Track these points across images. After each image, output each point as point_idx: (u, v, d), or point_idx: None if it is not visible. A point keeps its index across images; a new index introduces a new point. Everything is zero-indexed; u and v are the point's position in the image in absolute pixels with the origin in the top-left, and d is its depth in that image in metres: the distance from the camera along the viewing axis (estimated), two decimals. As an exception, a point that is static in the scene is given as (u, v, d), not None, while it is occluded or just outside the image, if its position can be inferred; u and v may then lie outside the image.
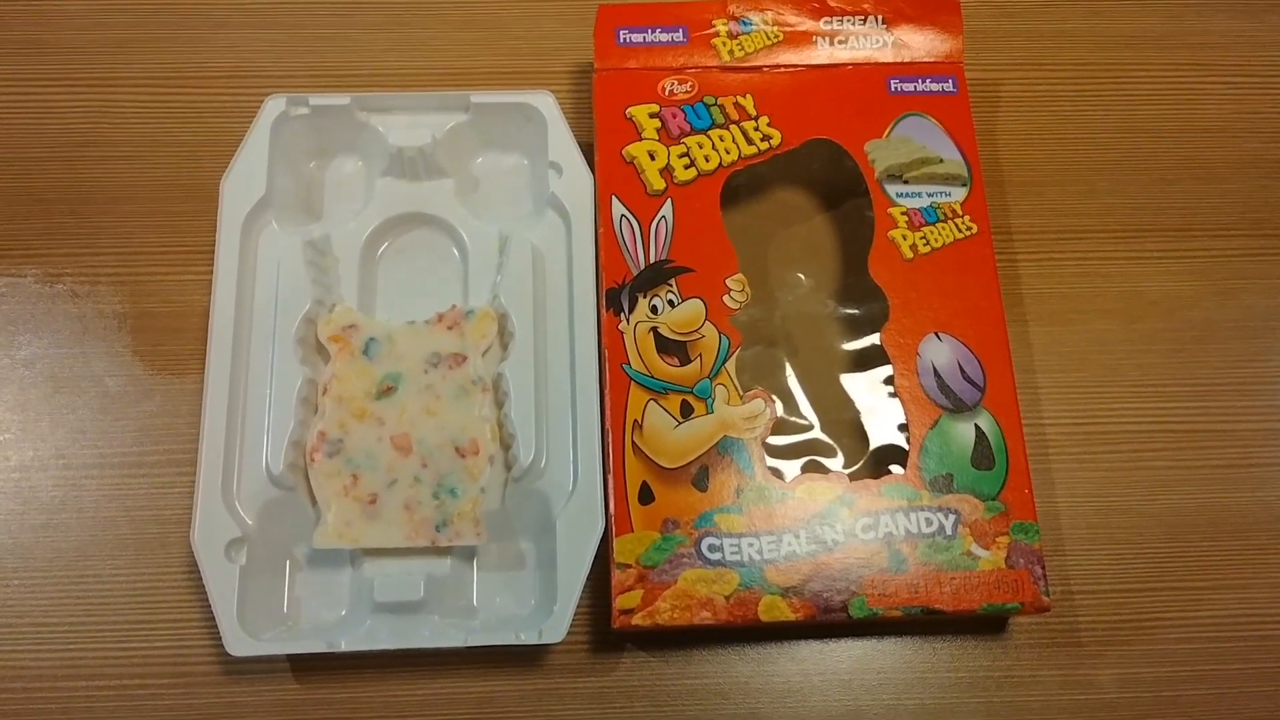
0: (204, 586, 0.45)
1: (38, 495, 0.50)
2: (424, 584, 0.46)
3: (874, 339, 0.49)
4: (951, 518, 0.46)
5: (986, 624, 0.49)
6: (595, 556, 0.46)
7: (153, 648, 0.48)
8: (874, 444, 0.48)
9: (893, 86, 0.53)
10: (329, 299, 0.51)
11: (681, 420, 0.47)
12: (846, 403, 0.48)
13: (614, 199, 0.50)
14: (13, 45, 0.58)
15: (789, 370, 0.49)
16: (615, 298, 0.49)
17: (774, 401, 0.48)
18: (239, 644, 0.44)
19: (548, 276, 0.51)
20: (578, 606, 0.45)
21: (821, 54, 0.53)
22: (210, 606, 0.45)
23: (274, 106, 0.52)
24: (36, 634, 0.48)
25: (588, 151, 0.52)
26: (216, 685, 0.47)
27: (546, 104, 0.53)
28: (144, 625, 0.48)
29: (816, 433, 0.48)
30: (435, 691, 0.48)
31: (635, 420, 0.47)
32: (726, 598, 0.45)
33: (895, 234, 0.50)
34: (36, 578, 0.49)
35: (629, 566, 0.45)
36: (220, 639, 0.44)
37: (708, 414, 0.47)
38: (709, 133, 0.52)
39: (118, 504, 0.50)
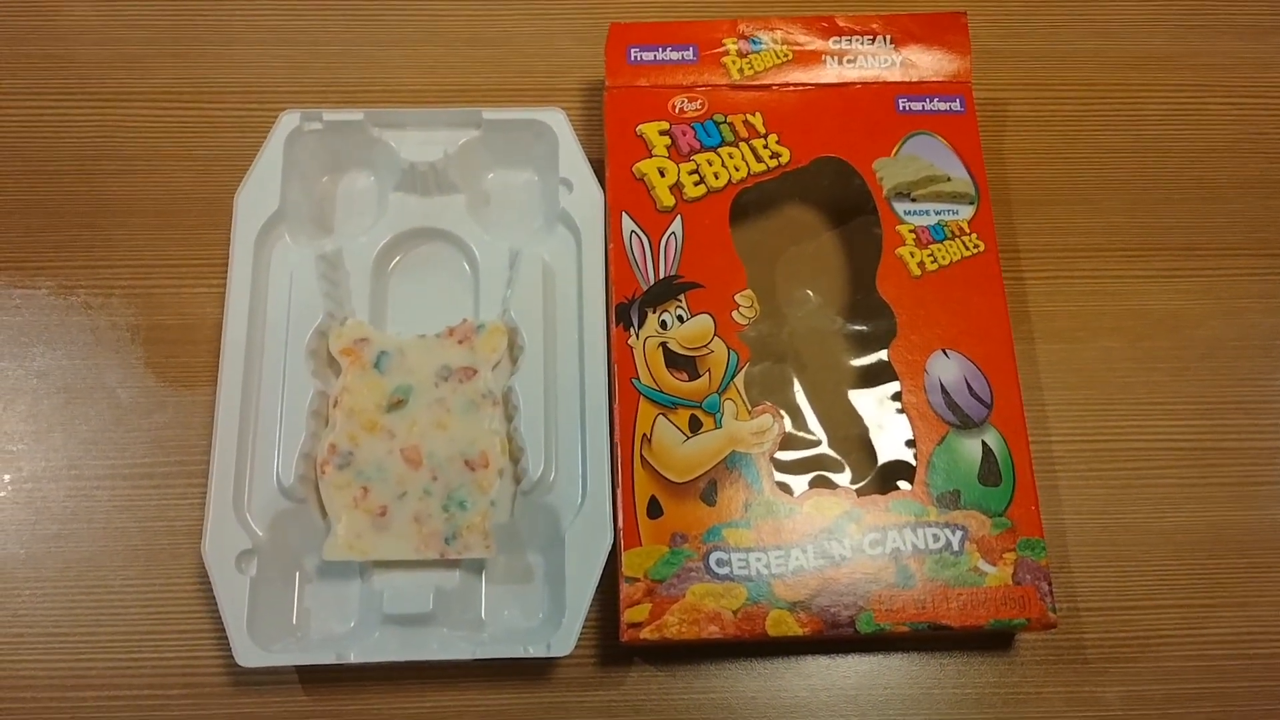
0: (214, 597, 0.45)
1: (49, 506, 0.50)
2: (433, 596, 0.46)
3: (882, 355, 0.49)
4: (959, 533, 0.46)
5: (993, 640, 0.49)
6: (604, 570, 0.46)
7: (163, 658, 0.48)
8: (881, 460, 0.48)
9: (901, 105, 0.53)
10: (341, 312, 0.51)
11: (690, 435, 0.48)
12: (854, 418, 0.49)
13: (624, 215, 0.51)
14: (30, 60, 0.58)
15: (797, 386, 0.49)
16: (625, 313, 0.49)
17: (782, 417, 0.48)
18: (248, 655, 0.45)
19: (558, 291, 0.52)
20: (586, 620, 0.45)
21: (830, 73, 0.54)
22: (220, 617, 0.45)
23: (288, 121, 0.52)
24: (47, 644, 0.48)
25: (598, 168, 0.53)
26: (226, 696, 0.48)
27: (558, 121, 0.53)
28: (154, 636, 0.48)
29: (824, 448, 0.48)
30: (443, 704, 0.48)
31: (644, 434, 0.47)
32: (734, 612, 0.45)
33: (903, 251, 0.51)
34: (47, 588, 0.49)
35: (637, 580, 0.45)
36: (230, 650, 0.45)
37: (716, 429, 0.48)
38: (718, 150, 0.52)
39: (129, 515, 0.50)
